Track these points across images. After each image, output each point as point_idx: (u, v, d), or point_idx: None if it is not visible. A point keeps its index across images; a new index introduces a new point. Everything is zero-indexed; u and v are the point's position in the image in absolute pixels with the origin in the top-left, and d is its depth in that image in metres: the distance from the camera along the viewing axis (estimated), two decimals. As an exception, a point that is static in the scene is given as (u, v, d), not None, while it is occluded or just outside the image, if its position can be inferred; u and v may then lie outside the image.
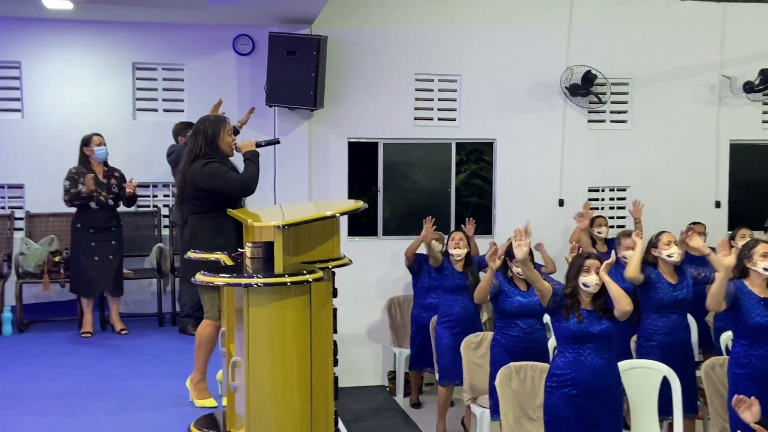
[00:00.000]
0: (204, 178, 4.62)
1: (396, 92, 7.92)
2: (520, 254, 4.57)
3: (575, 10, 8.19)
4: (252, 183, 4.70)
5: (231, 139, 4.81)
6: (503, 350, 5.42)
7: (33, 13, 6.92)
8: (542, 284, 4.63)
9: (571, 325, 4.50)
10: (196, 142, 4.73)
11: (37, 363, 5.90)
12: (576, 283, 4.56)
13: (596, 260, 4.57)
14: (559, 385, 4.51)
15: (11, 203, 7.37)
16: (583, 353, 4.49)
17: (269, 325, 3.30)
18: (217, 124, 4.77)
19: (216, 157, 4.68)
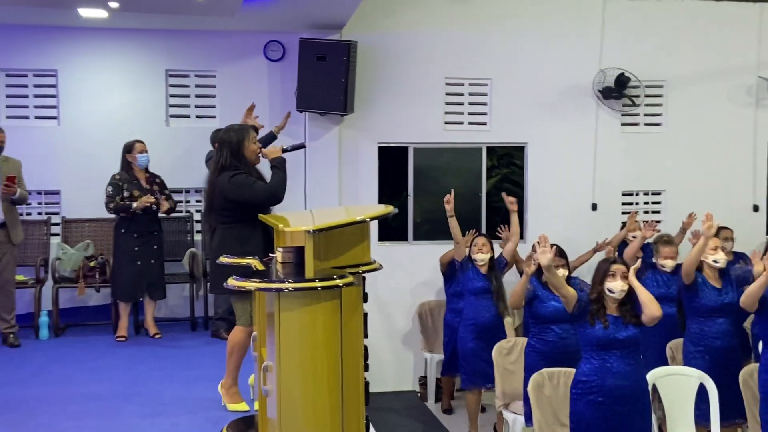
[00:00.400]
0: (232, 190, 4.65)
1: (426, 96, 7.91)
2: (544, 260, 4.55)
3: (608, 11, 8.12)
4: (279, 191, 4.71)
5: (256, 146, 4.84)
6: (538, 355, 5.38)
7: (69, 21, 7.04)
8: (567, 290, 4.61)
9: (597, 331, 4.46)
10: (222, 153, 4.77)
11: (72, 366, 5.98)
12: (601, 288, 4.52)
13: (622, 265, 4.53)
14: (585, 391, 4.47)
15: (48, 209, 7.50)
16: (608, 360, 4.45)
17: (300, 329, 3.30)
18: (241, 132, 4.80)
19: (242, 168, 4.71)
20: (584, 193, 8.20)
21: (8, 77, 7.39)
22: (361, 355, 3.65)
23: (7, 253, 6.45)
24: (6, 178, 6.30)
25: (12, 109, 7.42)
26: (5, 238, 6.41)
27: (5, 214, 6.39)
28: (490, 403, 6.58)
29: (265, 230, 4.68)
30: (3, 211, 6.38)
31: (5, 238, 6.41)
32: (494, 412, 6.33)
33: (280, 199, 4.76)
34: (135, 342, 6.72)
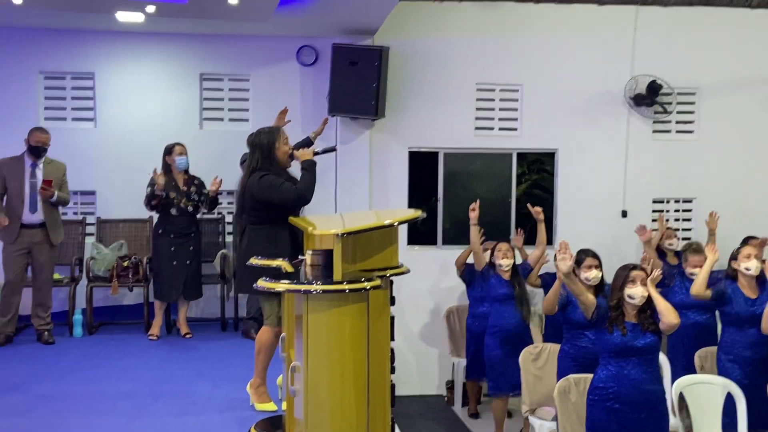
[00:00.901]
0: (261, 190, 4.72)
1: (457, 102, 7.94)
2: (563, 267, 4.55)
3: (640, 18, 8.09)
4: (307, 193, 4.76)
5: (287, 148, 4.90)
6: (571, 361, 5.38)
7: (106, 25, 7.18)
8: (586, 296, 4.62)
9: (615, 338, 4.46)
10: (254, 155, 4.85)
11: (105, 364, 6.08)
12: (621, 294, 4.52)
13: (641, 271, 4.53)
14: (602, 398, 4.47)
15: (83, 209, 7.64)
16: (626, 367, 4.44)
17: (328, 331, 3.36)
18: (272, 134, 4.88)
19: (273, 169, 4.78)
20: (614, 199, 8.18)
21: (47, 79, 7.54)
22: (388, 357, 3.70)
23: (46, 253, 6.59)
24: (43, 181, 6.44)
25: (50, 111, 7.56)
26: (44, 238, 6.56)
27: (45, 215, 6.54)
28: (517, 408, 6.58)
29: (293, 232, 4.74)
30: (43, 212, 6.53)
31: (44, 238, 6.56)
32: (521, 417, 6.32)
33: (308, 200, 4.81)
34: (166, 341, 6.83)
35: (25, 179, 6.51)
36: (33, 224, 6.52)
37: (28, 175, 6.52)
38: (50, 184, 6.44)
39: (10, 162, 6.55)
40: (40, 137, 6.51)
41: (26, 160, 6.55)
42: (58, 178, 6.64)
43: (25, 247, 6.53)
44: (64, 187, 6.70)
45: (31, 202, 6.48)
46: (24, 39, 7.36)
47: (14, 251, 6.50)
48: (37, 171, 6.55)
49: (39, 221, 6.53)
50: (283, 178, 4.81)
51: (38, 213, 6.52)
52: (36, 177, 6.52)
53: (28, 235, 6.51)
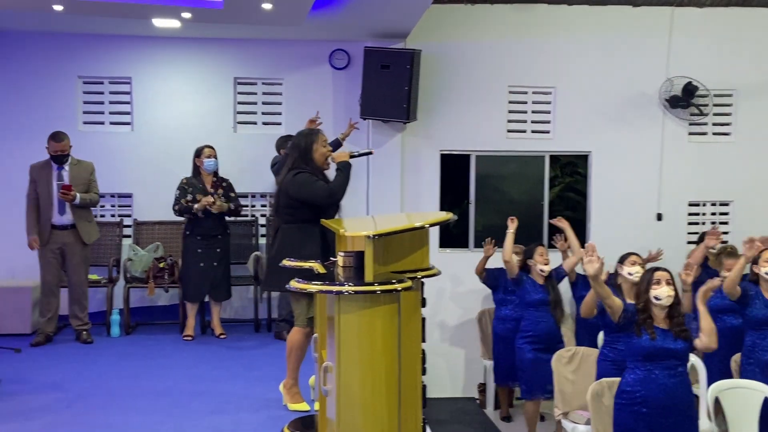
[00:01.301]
0: (294, 187, 4.79)
1: (489, 105, 7.94)
2: (591, 270, 4.51)
3: (676, 19, 8.02)
4: (338, 192, 4.81)
5: (325, 150, 4.94)
6: (610, 364, 5.33)
7: (143, 31, 7.30)
8: (612, 300, 4.59)
9: (643, 341, 4.42)
10: (292, 155, 4.91)
11: (141, 364, 6.18)
12: (647, 297, 4.48)
13: (665, 272, 4.50)
14: (630, 402, 4.43)
15: (120, 211, 7.77)
16: (653, 371, 4.40)
17: (359, 331, 3.39)
18: (310, 136, 4.94)
19: (308, 169, 4.83)
20: (649, 203, 8.11)
21: (85, 84, 7.70)
22: (419, 358, 3.72)
23: (78, 254, 6.70)
24: (62, 186, 6.55)
25: (88, 115, 7.72)
26: (76, 239, 6.67)
27: (75, 216, 6.65)
28: (550, 411, 6.55)
29: (324, 234, 4.79)
30: (72, 214, 6.65)
31: (76, 239, 6.67)
32: (553, 420, 6.30)
33: (338, 199, 4.86)
34: (201, 341, 6.92)
35: (52, 182, 6.61)
36: (63, 226, 6.63)
37: (55, 178, 6.62)
38: (69, 189, 6.53)
39: (40, 166, 6.67)
40: (56, 147, 6.59)
41: (53, 163, 6.66)
42: (85, 178, 6.73)
43: (58, 249, 6.65)
44: (93, 187, 6.78)
45: (60, 204, 6.60)
46: (63, 45, 7.52)
47: (48, 253, 6.63)
48: (63, 173, 6.65)
49: (69, 223, 6.64)
50: (317, 177, 4.85)
51: (67, 215, 6.62)
52: (63, 179, 6.63)
53: (60, 236, 6.63)
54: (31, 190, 6.66)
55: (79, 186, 6.64)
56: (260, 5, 6.15)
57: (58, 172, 6.65)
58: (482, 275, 7.11)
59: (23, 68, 7.49)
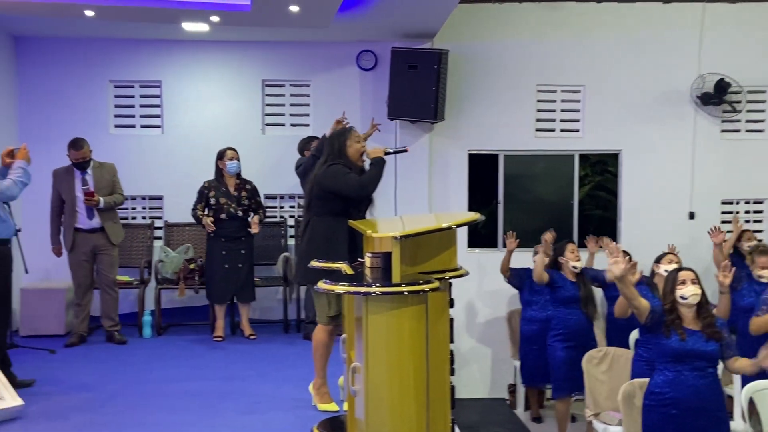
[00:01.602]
0: (326, 177, 4.81)
1: (517, 104, 7.90)
2: (617, 271, 4.45)
3: (707, 16, 7.92)
4: (369, 185, 4.80)
5: (360, 145, 4.95)
6: (644, 364, 5.28)
7: (173, 35, 7.39)
8: (639, 301, 4.52)
9: (672, 342, 4.36)
10: (326, 152, 4.95)
11: (173, 364, 6.25)
12: (673, 297, 4.43)
13: (690, 271, 4.45)
14: (658, 403, 4.38)
15: (152, 213, 7.86)
16: (683, 372, 4.34)
17: (387, 332, 3.39)
18: (343, 134, 4.96)
19: (341, 162, 4.84)
20: (681, 201, 8.01)
21: (116, 88, 7.80)
22: (447, 359, 3.71)
23: (108, 255, 6.79)
24: (85, 193, 6.62)
25: (120, 119, 7.82)
26: (105, 241, 6.76)
27: (103, 219, 6.73)
28: (581, 412, 6.50)
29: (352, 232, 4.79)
30: (100, 217, 6.72)
31: (105, 241, 6.76)
32: (584, 421, 6.25)
33: (369, 192, 4.85)
34: (231, 342, 6.97)
35: (76, 188, 6.69)
36: (93, 229, 6.72)
37: (78, 183, 6.69)
38: (92, 195, 6.61)
39: (62, 172, 6.75)
40: (76, 155, 6.66)
41: (75, 169, 6.74)
42: (108, 180, 6.81)
43: (88, 252, 6.73)
44: (117, 188, 6.86)
45: (87, 208, 6.67)
46: (95, 49, 7.64)
47: (79, 256, 6.72)
48: (86, 177, 6.73)
49: (98, 225, 6.72)
50: (350, 170, 4.86)
51: (95, 218, 6.71)
52: (87, 183, 6.70)
53: (89, 239, 6.71)
54: (54, 197, 6.75)
55: (103, 188, 6.73)
56: (287, 7, 6.19)
57: (81, 177, 6.72)
58: (507, 274, 7.07)
59: (55, 73, 7.62)
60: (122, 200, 6.95)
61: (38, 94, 7.61)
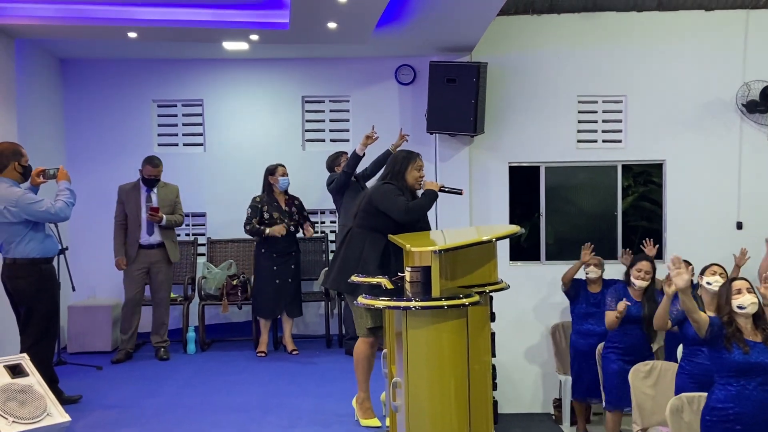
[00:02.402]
0: (377, 194, 4.87)
1: (558, 115, 7.84)
2: (680, 283, 4.34)
3: (751, 23, 7.77)
4: (414, 210, 4.81)
5: (419, 174, 5.00)
6: (688, 378, 5.18)
7: (214, 54, 7.50)
8: (699, 314, 4.42)
9: (735, 356, 4.25)
10: (386, 170, 5.02)
11: (217, 379, 6.30)
12: (730, 308, 4.32)
13: (744, 281, 4.34)
14: (721, 419, 4.26)
15: (195, 230, 7.96)
16: (747, 386, 4.23)
17: (427, 347, 3.37)
18: (408, 158, 4.99)
19: (396, 184, 4.88)
20: (728, 211, 7.85)
21: (159, 107, 7.93)
22: (489, 373, 3.68)
23: (164, 272, 6.92)
24: (150, 208, 6.77)
25: (163, 137, 7.95)
26: (163, 257, 6.89)
27: (162, 235, 6.87)
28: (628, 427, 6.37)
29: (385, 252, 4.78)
30: (160, 234, 6.86)
31: (163, 257, 6.89)
32: (631, 437, 6.13)
33: (413, 218, 4.84)
34: (274, 357, 7.00)
35: (141, 204, 6.85)
36: (151, 245, 6.85)
37: (144, 200, 6.86)
38: (157, 211, 6.76)
39: (128, 188, 6.92)
40: (151, 171, 6.85)
41: (142, 186, 6.90)
42: (171, 200, 6.97)
43: (145, 267, 6.86)
44: (178, 208, 7.02)
45: (148, 224, 6.82)
46: (138, 70, 7.79)
47: (134, 271, 6.84)
48: (152, 195, 6.89)
49: (157, 242, 6.86)
50: (402, 193, 4.89)
51: (155, 234, 6.85)
52: (152, 201, 6.86)
53: (147, 255, 6.85)
54: (118, 211, 6.90)
55: (166, 207, 6.89)
56: (325, 24, 6.24)
57: (147, 194, 6.88)
58: (568, 284, 6.96)
59: (100, 94, 7.78)
60: (182, 221, 7.12)
61: (84, 115, 7.78)
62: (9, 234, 5.26)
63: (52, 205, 5.26)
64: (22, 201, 5.20)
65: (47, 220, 5.35)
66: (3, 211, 5.18)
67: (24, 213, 5.20)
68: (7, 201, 5.18)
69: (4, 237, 5.28)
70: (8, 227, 5.24)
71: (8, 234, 5.26)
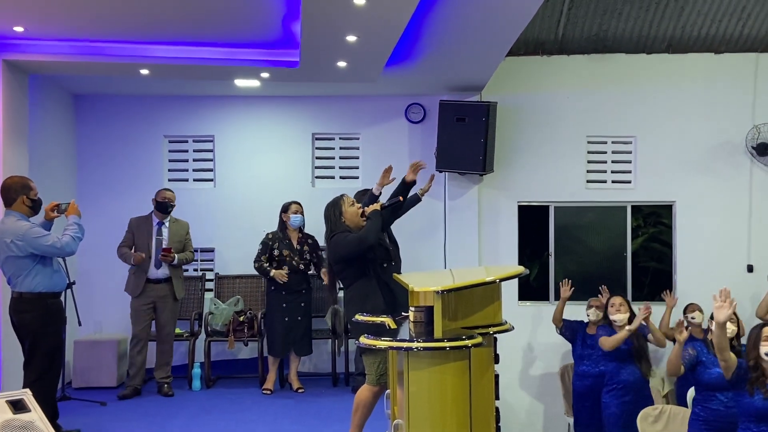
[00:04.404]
0: (333, 251, 5.01)
1: (567, 155, 7.84)
2: (722, 317, 4.25)
3: (761, 66, 7.79)
4: (367, 236, 4.93)
5: (355, 209, 5.12)
6: (702, 424, 5.10)
7: (225, 91, 7.58)
8: (729, 354, 4.34)
9: (756, 401, 4.17)
10: (327, 226, 5.13)
11: (222, 417, 6.23)
12: (757, 353, 4.25)
13: None
14: None
15: (203, 266, 7.96)
16: None
17: (429, 388, 3.34)
18: (336, 204, 5.16)
19: (340, 230, 4.98)
20: (739, 253, 7.79)
21: (171, 143, 7.99)
22: (492, 416, 3.63)
23: (170, 308, 6.90)
24: (162, 249, 6.79)
25: (174, 173, 7.99)
26: (169, 292, 6.89)
27: (170, 270, 6.88)
28: (636, 473, 6.26)
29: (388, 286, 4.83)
30: (168, 268, 6.87)
31: (169, 292, 6.89)
32: (640, 483, 6.01)
33: (369, 243, 4.93)
34: (279, 395, 6.94)
35: (152, 237, 6.87)
36: (158, 279, 6.85)
37: (155, 233, 6.88)
38: (169, 252, 6.79)
39: (139, 221, 6.95)
40: (166, 194, 6.92)
41: (153, 218, 6.92)
42: (181, 236, 6.99)
43: (151, 302, 6.85)
44: (188, 245, 7.04)
45: (157, 258, 6.83)
46: (151, 106, 7.86)
47: (141, 305, 6.83)
48: (163, 229, 6.91)
49: (164, 276, 6.86)
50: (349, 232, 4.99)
51: (163, 269, 6.86)
52: (162, 235, 6.86)
53: (154, 289, 6.84)
54: (126, 239, 6.90)
55: (176, 243, 6.91)
56: (335, 63, 6.30)
57: (158, 228, 6.90)
58: (560, 325, 6.93)
59: (112, 129, 7.85)
60: (192, 258, 7.14)
61: (96, 150, 7.84)
62: (16, 268, 5.28)
63: (58, 240, 5.28)
64: (28, 235, 5.22)
65: (53, 255, 5.37)
66: (10, 244, 5.21)
67: (30, 247, 5.22)
68: (14, 235, 5.21)
69: (12, 270, 5.30)
70: (15, 261, 5.26)
71: (16, 268, 5.28)
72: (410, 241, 7.14)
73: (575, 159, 7.86)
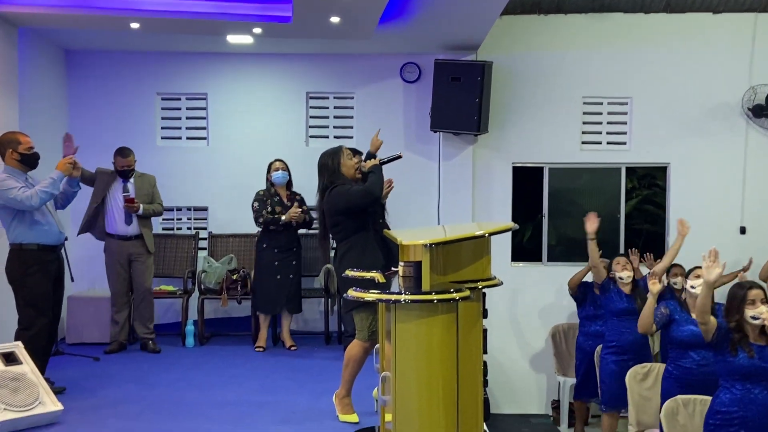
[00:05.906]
0: (333, 202, 4.87)
1: (562, 116, 7.80)
2: (712, 276, 4.27)
3: (759, 26, 7.72)
4: (373, 189, 4.86)
5: (353, 162, 5.02)
6: (674, 382, 5.15)
7: (218, 48, 7.49)
8: (710, 317, 4.36)
9: (741, 359, 4.21)
10: (323, 177, 5.00)
11: (214, 374, 6.28)
12: (741, 316, 4.26)
13: (760, 290, 4.27)
14: (725, 423, 4.22)
15: (196, 224, 7.95)
16: (753, 390, 4.18)
17: (416, 341, 3.35)
18: (335, 154, 5.02)
19: (339, 182, 4.87)
20: (732, 215, 7.81)
21: (164, 101, 7.93)
22: (480, 370, 3.65)
23: (144, 263, 6.89)
24: (125, 199, 6.74)
25: (166, 131, 7.94)
26: (142, 247, 6.87)
27: (141, 226, 6.85)
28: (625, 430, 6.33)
29: (384, 242, 4.79)
30: (138, 224, 6.84)
31: (142, 247, 6.87)
32: (628, 439, 6.08)
33: (375, 196, 4.89)
34: (272, 353, 6.98)
35: (118, 194, 6.81)
36: (129, 236, 6.82)
37: (121, 189, 6.82)
38: (133, 201, 6.74)
39: (107, 174, 6.85)
40: (122, 162, 6.79)
41: (119, 177, 6.87)
42: (148, 190, 6.93)
43: (124, 259, 6.83)
44: (156, 197, 6.99)
45: (127, 214, 6.78)
46: (143, 63, 7.78)
47: (115, 264, 6.82)
48: (128, 185, 6.85)
49: (135, 233, 6.83)
50: (351, 185, 4.91)
51: (134, 225, 6.82)
52: (129, 191, 6.81)
53: (126, 246, 6.82)
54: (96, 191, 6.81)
55: (143, 197, 6.85)
56: (328, 18, 6.22)
57: (123, 185, 6.85)
58: (575, 289, 6.91)
59: (104, 86, 7.78)
60: (161, 210, 7.07)
61: (88, 107, 7.77)
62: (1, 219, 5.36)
63: (23, 192, 5.23)
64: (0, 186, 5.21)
65: (15, 206, 5.28)
66: None
67: (0, 198, 5.23)
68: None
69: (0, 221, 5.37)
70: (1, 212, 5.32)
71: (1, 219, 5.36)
72: (404, 201, 7.12)
73: (570, 120, 7.83)
